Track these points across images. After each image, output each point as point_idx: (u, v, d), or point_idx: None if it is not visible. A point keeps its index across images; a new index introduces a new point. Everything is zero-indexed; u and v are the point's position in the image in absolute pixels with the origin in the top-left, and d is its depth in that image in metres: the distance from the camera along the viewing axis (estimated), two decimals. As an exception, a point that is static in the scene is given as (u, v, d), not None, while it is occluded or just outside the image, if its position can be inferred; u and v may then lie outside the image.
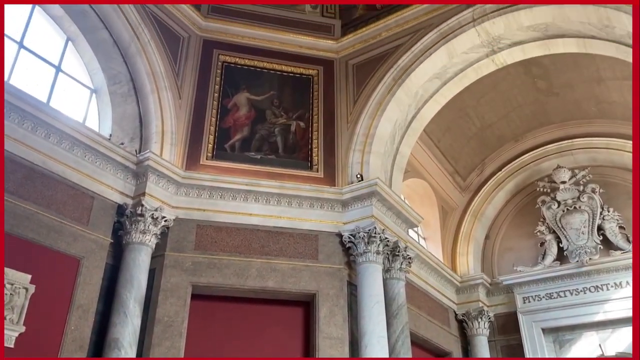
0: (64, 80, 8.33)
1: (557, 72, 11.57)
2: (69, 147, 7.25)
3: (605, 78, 11.52)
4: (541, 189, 13.03)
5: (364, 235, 8.37)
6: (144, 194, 7.78)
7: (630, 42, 8.34)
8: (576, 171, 12.79)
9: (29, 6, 8.13)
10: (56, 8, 8.26)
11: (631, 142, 11.71)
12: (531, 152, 13.43)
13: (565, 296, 12.10)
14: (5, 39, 7.53)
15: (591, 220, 12.33)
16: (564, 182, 12.74)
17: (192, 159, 8.72)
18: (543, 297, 12.30)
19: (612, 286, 11.69)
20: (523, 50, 9.67)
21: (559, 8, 8.60)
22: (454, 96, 10.48)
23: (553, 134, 13.24)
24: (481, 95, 12.02)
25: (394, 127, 9.78)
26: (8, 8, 7.72)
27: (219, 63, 9.78)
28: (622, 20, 8.05)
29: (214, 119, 9.25)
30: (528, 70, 11.50)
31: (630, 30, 8.04)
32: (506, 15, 8.99)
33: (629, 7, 7.85)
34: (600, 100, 12.17)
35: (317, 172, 9.24)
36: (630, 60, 8.68)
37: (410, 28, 9.91)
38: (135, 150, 8.13)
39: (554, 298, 12.18)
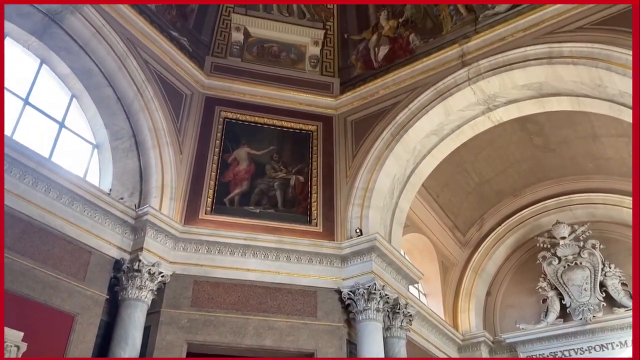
0: (67, 136, 8.45)
1: (553, 128, 11.78)
2: (69, 201, 7.27)
3: (600, 135, 11.72)
4: (541, 245, 12.96)
5: (364, 292, 8.25)
6: (141, 248, 7.74)
7: (623, 100, 8.55)
8: (575, 227, 12.77)
9: (36, 64, 8.37)
10: (63, 66, 8.49)
11: (629, 198, 11.78)
12: (530, 208, 13.47)
13: (570, 355, 11.80)
14: (11, 95, 7.71)
15: (593, 276, 12.21)
16: (563, 238, 12.70)
17: (191, 214, 8.73)
18: (547, 355, 12.00)
19: (617, 345, 11.44)
20: (518, 107, 9.87)
21: (552, 68, 8.85)
22: (452, 152, 10.60)
23: (551, 189, 13.33)
24: (478, 151, 12.18)
25: (393, 181, 9.84)
26: (14, 65, 7.96)
27: (220, 119, 9.96)
28: (613, 80, 8.26)
29: (214, 174, 9.33)
30: (524, 126, 11.71)
31: (622, 89, 8.26)
32: (501, 75, 9.23)
33: (619, 68, 8.09)
34: (596, 156, 12.33)
35: (316, 226, 9.22)
36: (624, 118, 8.89)
37: (407, 86, 10.14)
38: (135, 205, 8.15)
39: (559, 357, 11.87)
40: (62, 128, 8.36)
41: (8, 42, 7.98)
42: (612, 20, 8.35)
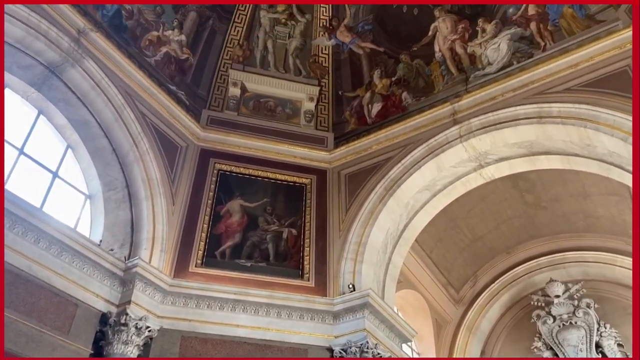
0: (60, 186, 8.43)
1: (544, 186, 11.90)
2: (58, 252, 7.17)
3: (590, 193, 11.84)
4: (535, 303, 12.81)
5: (356, 351, 8.05)
6: (129, 302, 7.57)
7: (612, 160, 8.68)
8: (569, 285, 12.67)
9: (34, 115, 8.46)
10: (60, 117, 8.58)
11: (621, 257, 11.79)
12: (523, 265, 13.40)
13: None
14: (6, 145, 7.73)
15: (588, 336, 12.01)
16: (558, 296, 12.57)
17: (181, 266, 8.60)
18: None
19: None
20: (510, 165, 9.99)
21: (542, 127, 9.03)
22: (445, 207, 10.63)
23: (544, 246, 13.32)
24: (471, 207, 12.23)
25: (386, 236, 9.81)
26: (12, 115, 8.03)
27: (215, 171, 10.00)
28: (601, 140, 8.43)
29: (205, 226, 9.28)
30: (515, 184, 11.82)
31: (610, 149, 8.41)
32: (492, 133, 9.40)
33: (607, 128, 8.27)
34: (587, 214, 12.40)
35: (308, 281, 9.09)
36: (613, 177, 9.00)
37: (400, 142, 10.28)
38: (125, 257, 8.05)
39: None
40: (55, 178, 8.35)
41: (7, 93, 8.08)
42: (599, 82, 8.61)
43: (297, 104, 11.42)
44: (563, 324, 12.28)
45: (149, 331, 7.56)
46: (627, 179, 8.68)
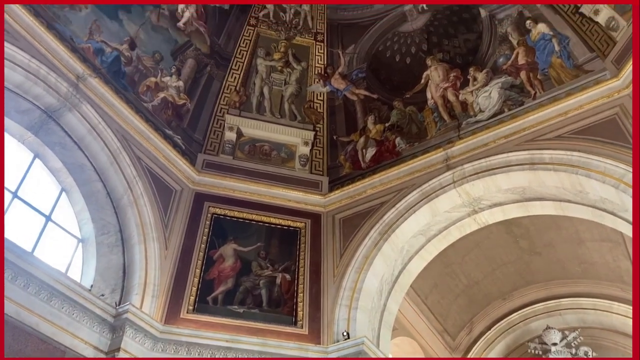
0: (53, 229, 8.37)
1: (538, 232, 11.92)
2: (47, 297, 7.05)
3: (584, 239, 11.85)
4: (532, 351, 12.60)
5: (351, 401, 7.83)
6: (118, 349, 7.41)
7: (604, 206, 8.73)
8: (566, 332, 12.50)
9: (30, 158, 8.48)
10: (56, 161, 8.61)
11: (618, 304, 11.70)
12: (519, 311, 13.26)
13: None
14: None
15: (588, 386, 11.79)
16: (555, 344, 12.39)
17: (172, 312, 8.46)
18: None
19: None
20: (503, 211, 10.02)
21: (534, 173, 9.12)
22: (440, 252, 10.58)
23: (540, 293, 13.22)
24: (466, 252, 12.19)
25: (381, 282, 9.72)
26: (7, 158, 8.04)
27: (209, 214, 9.97)
28: (593, 186, 8.51)
29: (198, 271, 9.19)
30: (509, 230, 11.84)
31: (602, 196, 8.48)
32: (485, 179, 9.47)
33: (598, 175, 8.36)
34: (582, 260, 12.38)
35: (302, 328, 8.94)
36: (606, 224, 9.03)
37: (394, 187, 10.32)
38: (115, 302, 7.91)
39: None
40: (48, 221, 8.30)
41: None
42: (588, 130, 8.76)
43: (292, 148, 11.52)
44: (561, 373, 12.07)
45: (138, 380, 7.36)
46: (620, 225, 8.72)
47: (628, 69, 8.43)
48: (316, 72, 12.05)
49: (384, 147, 11.08)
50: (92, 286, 8.01)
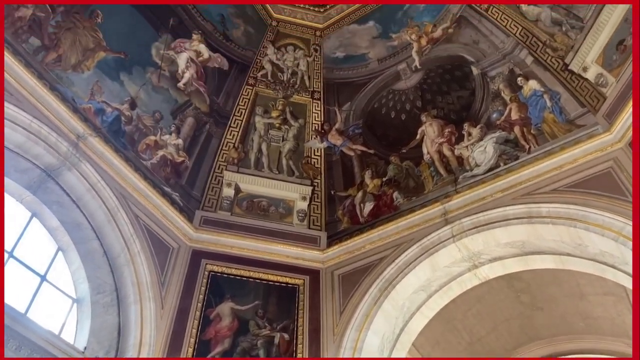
0: (48, 288, 8.24)
1: (539, 286, 11.77)
2: (39, 361, 6.85)
3: (586, 293, 11.69)
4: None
5: None
6: (111, 415, 7.13)
7: (604, 260, 8.67)
8: (574, 391, 12.14)
9: (27, 216, 8.47)
10: (53, 220, 8.59)
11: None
12: (524, 369, 12.92)
13: None
14: (-3, 248, 7.67)
15: None
16: (563, 403, 11.99)
17: (168, 375, 8.21)
18: None
19: None
20: (503, 265, 9.93)
21: (532, 227, 9.11)
22: (441, 308, 10.40)
23: (543, 349, 12.92)
24: (468, 308, 11.99)
25: (382, 340, 9.50)
26: (5, 219, 8.02)
27: (206, 272, 9.86)
28: (592, 240, 8.48)
29: (194, 330, 9.02)
30: (510, 284, 11.69)
31: (602, 249, 8.44)
32: (483, 233, 9.44)
33: (597, 228, 8.34)
34: (585, 315, 12.16)
35: (301, 390, 8.66)
36: (608, 277, 8.94)
37: (392, 242, 10.26)
38: (109, 365, 7.69)
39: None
40: (43, 281, 8.18)
41: (2, 196, 8.14)
42: (584, 183, 8.81)
43: (290, 203, 11.54)
44: None
45: None
46: (622, 279, 8.63)
47: (620, 123, 8.58)
48: (313, 129, 12.25)
49: (382, 201, 11.12)
50: (85, 348, 7.81)
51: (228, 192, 11.18)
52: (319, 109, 12.39)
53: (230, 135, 11.72)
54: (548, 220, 8.91)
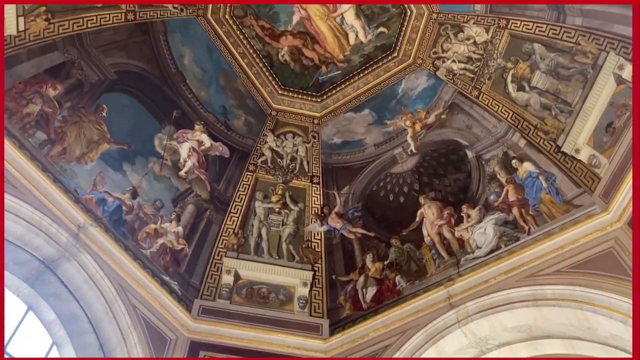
0: (39, 387, 7.94)
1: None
2: None
3: (601, 378, 11.20)
4: None
5: None
6: None
7: (615, 343, 8.40)
8: None
9: (23, 309, 8.31)
10: (49, 312, 8.44)
11: None
12: None
13: None
14: (-10, 344, 7.47)
15: None
16: None
17: None
18: None
19: None
20: (512, 350, 9.56)
21: (538, 310, 8.90)
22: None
23: None
24: (477, 397, 11.42)
25: None
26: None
27: (204, 364, 9.56)
28: (600, 322, 8.26)
29: None
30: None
31: (612, 332, 8.21)
32: (489, 317, 9.23)
33: (604, 310, 8.16)
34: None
35: None
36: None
37: (397, 328, 10.01)
38: None
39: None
40: (35, 379, 7.91)
41: None
42: (587, 264, 8.73)
43: (290, 289, 11.37)
44: None
45: None
46: (636, 364, 8.33)
47: (616, 203, 8.65)
48: (313, 212, 12.32)
49: (385, 286, 10.96)
50: None
51: (227, 279, 11.04)
52: (318, 192, 12.53)
53: (230, 221, 11.77)
54: (554, 303, 8.75)
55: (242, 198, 12.11)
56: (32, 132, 8.83)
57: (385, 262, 11.26)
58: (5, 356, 7.63)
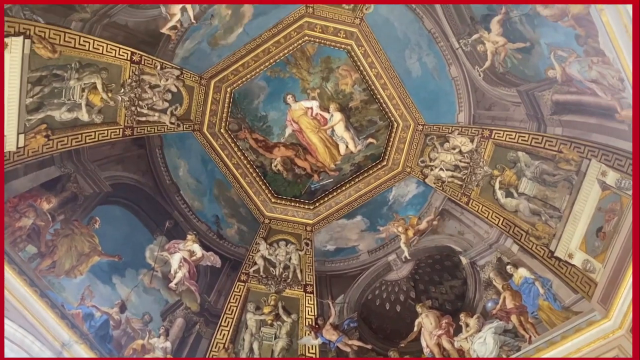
0: None
1: None
2: None
3: None
4: None
5: None
6: None
7: None
8: None
9: None
10: None
11: None
12: None
13: None
14: None
15: None
16: None
17: None
18: None
19: None
20: None
21: None
22: None
23: None
24: None
25: None
26: None
27: None
28: None
29: None
30: None
31: None
32: None
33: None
34: None
35: None
36: None
37: None
38: None
39: None
40: None
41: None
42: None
43: None
44: None
45: None
46: None
47: (616, 308, 8.50)
48: (307, 324, 11.92)
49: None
50: None
51: None
52: (312, 302, 12.21)
53: (220, 335, 11.32)
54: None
55: (233, 310, 11.75)
56: (22, 246, 8.75)
57: (387, 375, 10.76)
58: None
